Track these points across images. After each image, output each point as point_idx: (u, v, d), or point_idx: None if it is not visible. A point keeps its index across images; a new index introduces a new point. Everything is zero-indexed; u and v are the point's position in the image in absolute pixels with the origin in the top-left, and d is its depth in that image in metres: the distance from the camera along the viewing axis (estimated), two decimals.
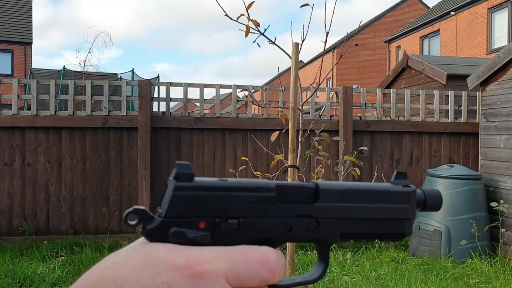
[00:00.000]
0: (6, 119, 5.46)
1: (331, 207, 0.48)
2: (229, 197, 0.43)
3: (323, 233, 0.47)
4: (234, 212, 0.43)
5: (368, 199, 0.49)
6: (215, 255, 0.40)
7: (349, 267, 4.74)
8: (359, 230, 0.49)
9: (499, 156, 5.46)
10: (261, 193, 0.45)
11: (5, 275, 4.32)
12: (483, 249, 5.10)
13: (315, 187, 0.47)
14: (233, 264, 0.40)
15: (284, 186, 0.46)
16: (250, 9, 2.64)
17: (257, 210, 0.44)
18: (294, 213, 0.46)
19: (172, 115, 5.84)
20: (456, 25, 19.32)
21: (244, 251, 0.41)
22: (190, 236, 0.41)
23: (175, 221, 0.42)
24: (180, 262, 0.38)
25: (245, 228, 0.44)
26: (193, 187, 0.42)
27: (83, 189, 5.64)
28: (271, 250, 0.42)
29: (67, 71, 14.50)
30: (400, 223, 0.50)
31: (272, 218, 0.45)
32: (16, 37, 23.37)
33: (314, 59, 34.77)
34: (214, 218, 0.43)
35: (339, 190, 0.48)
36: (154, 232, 0.41)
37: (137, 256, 0.39)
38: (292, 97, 2.78)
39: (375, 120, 6.16)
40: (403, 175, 0.51)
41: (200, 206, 0.42)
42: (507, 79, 5.37)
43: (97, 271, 0.39)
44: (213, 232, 0.42)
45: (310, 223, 0.47)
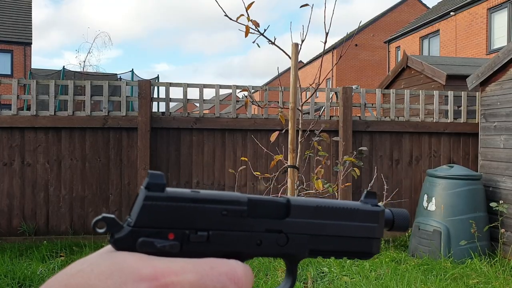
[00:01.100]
0: (5, 119, 5.46)
1: (301, 223, 0.47)
2: (200, 209, 0.43)
3: (292, 249, 0.47)
4: (205, 224, 0.43)
5: (338, 216, 0.49)
6: (182, 267, 0.39)
7: (349, 267, 4.74)
8: (328, 247, 0.49)
9: (498, 156, 5.46)
10: (233, 207, 0.44)
11: (5, 275, 4.32)
12: (483, 249, 5.10)
13: (287, 202, 0.47)
14: (201, 277, 0.39)
15: (256, 200, 0.46)
16: (250, 9, 2.64)
17: (227, 223, 0.44)
18: (264, 228, 0.46)
19: (171, 115, 5.84)
20: (456, 26, 19.33)
21: (212, 264, 0.41)
22: (159, 245, 0.41)
23: (144, 231, 0.41)
24: (147, 272, 0.38)
25: (215, 241, 0.43)
26: (164, 198, 0.42)
27: (83, 189, 5.64)
28: (239, 264, 0.42)
29: (67, 71, 14.49)
30: (368, 242, 0.50)
31: (242, 232, 0.45)
32: (16, 37, 23.36)
33: (314, 60, 34.77)
34: (184, 229, 0.42)
35: (310, 207, 0.48)
36: (122, 241, 0.41)
37: (104, 265, 0.38)
38: (292, 97, 2.78)
39: (374, 120, 6.16)
40: (372, 194, 0.52)
41: (170, 217, 0.42)
42: (507, 79, 5.37)
43: (61, 278, 0.38)
44: (182, 243, 0.42)
45: (279, 238, 0.47)
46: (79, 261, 0.40)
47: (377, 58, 29.54)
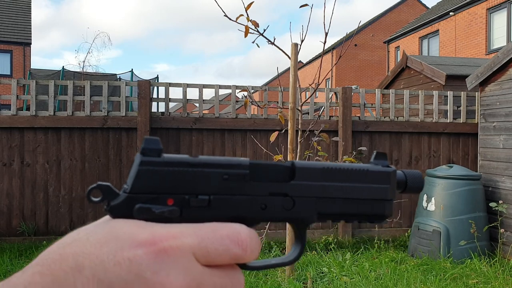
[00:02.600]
0: (5, 120, 5.46)
1: (308, 186, 0.46)
2: (200, 173, 0.41)
3: (299, 213, 0.46)
4: (205, 189, 0.42)
5: (346, 178, 0.47)
6: (181, 231, 0.38)
7: (349, 268, 4.74)
8: (337, 210, 0.47)
9: (498, 156, 5.47)
10: (234, 170, 0.43)
11: (4, 275, 4.31)
12: (482, 250, 5.10)
13: (291, 165, 0.46)
14: (201, 240, 0.38)
15: (258, 164, 0.44)
16: (250, 9, 2.64)
17: (229, 187, 0.42)
18: (268, 191, 0.44)
19: (171, 116, 5.84)
20: (455, 26, 19.33)
21: (214, 227, 0.39)
22: (157, 211, 0.39)
23: (141, 197, 0.40)
24: (143, 237, 0.37)
25: (216, 205, 0.42)
26: (161, 163, 0.40)
27: (82, 189, 5.64)
28: (243, 227, 0.40)
29: (66, 72, 14.48)
30: (380, 204, 0.48)
31: (245, 196, 0.43)
32: (15, 37, 23.36)
33: (313, 60, 34.78)
34: (183, 194, 0.41)
35: (316, 169, 0.46)
36: (119, 209, 0.40)
37: (100, 233, 0.38)
38: (291, 97, 2.78)
39: (374, 120, 6.16)
40: (383, 155, 0.50)
41: (168, 182, 0.40)
42: (506, 79, 5.37)
43: (57, 248, 0.37)
44: (182, 209, 0.41)
45: (285, 202, 0.45)
46: (76, 230, 0.39)
47: (376, 58, 29.55)
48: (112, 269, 0.35)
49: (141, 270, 0.35)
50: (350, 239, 5.82)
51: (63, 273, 0.35)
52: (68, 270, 0.35)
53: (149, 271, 0.35)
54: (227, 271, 0.39)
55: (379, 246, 5.52)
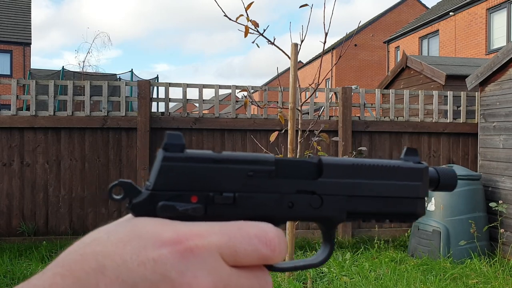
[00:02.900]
0: (5, 120, 5.45)
1: (336, 183, 0.44)
2: (224, 170, 0.40)
3: (328, 211, 0.44)
4: (230, 186, 0.40)
5: (376, 175, 0.45)
6: (208, 229, 0.36)
7: (349, 268, 4.74)
8: (367, 208, 0.45)
9: (498, 156, 5.47)
10: (260, 167, 0.41)
11: (4, 275, 4.31)
12: (482, 250, 5.10)
13: (318, 161, 0.44)
14: (229, 239, 0.36)
15: (284, 160, 0.43)
16: (250, 10, 2.64)
17: (254, 184, 0.41)
18: (295, 189, 0.43)
19: (171, 116, 5.84)
20: (455, 26, 19.34)
21: (241, 226, 0.38)
22: (181, 209, 0.38)
23: (164, 195, 0.38)
24: (168, 236, 0.35)
25: (242, 203, 0.40)
26: (184, 158, 0.39)
27: (82, 189, 5.64)
28: (270, 226, 0.39)
29: (66, 72, 14.48)
30: (412, 202, 0.47)
31: (271, 194, 0.42)
32: (15, 37, 23.36)
33: (313, 60, 34.78)
34: (207, 192, 0.39)
35: (345, 165, 0.45)
36: (141, 206, 0.38)
37: (122, 232, 0.36)
38: (291, 97, 2.78)
39: (374, 120, 6.16)
40: (413, 151, 0.48)
41: (191, 178, 0.39)
42: (506, 79, 5.37)
43: (77, 247, 0.36)
44: (206, 207, 0.39)
45: (313, 200, 0.43)
46: (96, 230, 0.38)
47: (376, 58, 29.56)
48: (136, 269, 0.34)
49: (167, 270, 0.34)
50: (350, 239, 5.82)
51: (85, 274, 0.33)
52: (90, 271, 0.34)
53: (175, 271, 0.34)
54: (254, 272, 0.38)
55: (379, 246, 5.52)
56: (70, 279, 0.33)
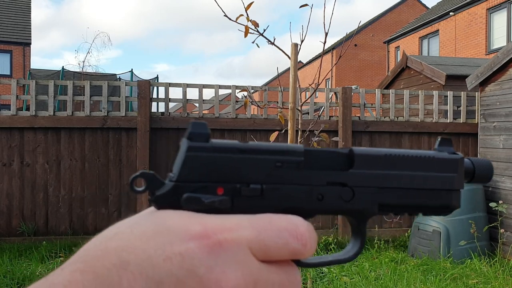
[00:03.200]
0: (4, 120, 5.45)
1: (368, 175, 0.42)
2: (251, 160, 0.38)
3: (359, 204, 0.42)
4: (257, 177, 0.38)
5: (409, 166, 0.44)
6: (237, 223, 0.35)
7: (349, 268, 4.74)
8: (400, 201, 0.44)
9: (498, 156, 5.46)
10: (288, 157, 0.40)
11: (4, 275, 4.31)
12: (482, 250, 5.10)
13: (349, 152, 0.42)
14: (259, 232, 0.35)
15: (314, 150, 0.41)
16: (250, 9, 2.63)
17: (283, 176, 0.39)
18: (325, 181, 0.41)
19: (171, 116, 5.84)
20: (455, 26, 19.34)
21: (271, 219, 0.36)
22: (207, 201, 0.36)
23: (189, 186, 0.37)
24: (196, 230, 0.33)
25: (270, 195, 0.39)
26: (209, 148, 0.38)
27: (82, 189, 5.64)
28: (300, 219, 0.37)
29: (66, 72, 14.48)
30: (446, 194, 0.45)
31: (300, 186, 0.40)
32: (15, 37, 23.36)
33: (313, 60, 34.79)
34: (233, 183, 0.38)
35: (377, 156, 0.43)
36: (165, 198, 0.36)
37: (146, 225, 0.34)
38: (291, 97, 2.78)
39: (374, 120, 6.16)
40: (448, 141, 0.46)
41: (217, 169, 0.37)
42: (506, 79, 5.37)
43: (98, 242, 0.34)
44: (233, 199, 0.37)
45: (344, 192, 0.42)
46: (118, 223, 0.36)
47: (376, 58, 29.56)
48: (161, 265, 0.32)
49: (194, 265, 0.32)
50: (350, 239, 5.81)
51: (106, 271, 0.31)
52: (111, 267, 0.32)
53: (203, 266, 0.32)
54: (284, 267, 0.36)
55: (379, 246, 5.52)
56: (91, 275, 0.31)
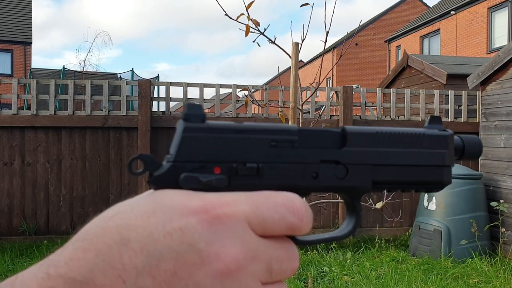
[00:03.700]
0: (5, 119, 5.46)
1: (361, 152, 0.43)
2: (246, 140, 0.39)
3: (353, 181, 0.43)
4: (252, 156, 0.39)
5: (402, 143, 0.45)
6: (234, 198, 0.36)
7: (349, 267, 4.74)
8: (393, 177, 0.44)
9: (499, 155, 5.46)
10: (282, 136, 0.41)
11: (5, 275, 4.32)
12: (483, 249, 5.10)
13: (342, 130, 0.43)
14: (256, 207, 0.35)
15: (307, 130, 0.42)
16: (251, 9, 2.63)
17: (278, 154, 0.40)
18: (319, 159, 0.42)
19: (172, 115, 5.84)
20: (456, 25, 19.31)
21: (267, 195, 0.37)
22: (204, 180, 0.37)
23: (186, 166, 0.37)
24: (195, 205, 0.34)
25: (265, 173, 0.39)
26: (205, 129, 0.38)
27: (83, 188, 5.64)
28: (295, 195, 0.38)
29: (67, 71, 14.49)
30: (438, 170, 0.46)
31: (295, 164, 0.41)
32: (16, 36, 23.37)
33: (314, 59, 34.77)
34: (230, 162, 0.38)
35: (369, 134, 0.44)
36: (163, 179, 0.37)
37: (146, 204, 0.35)
38: (292, 96, 2.78)
39: (375, 119, 6.16)
40: (437, 119, 0.47)
41: (213, 149, 0.38)
42: (507, 78, 5.36)
43: (98, 222, 0.34)
44: (229, 178, 0.38)
45: (338, 169, 0.43)
46: (118, 204, 0.36)
47: (377, 57, 29.53)
48: (162, 240, 0.32)
49: (194, 240, 0.33)
50: (351, 238, 5.81)
51: (107, 247, 0.32)
52: (112, 244, 0.32)
53: (203, 240, 0.33)
54: (281, 242, 0.37)
55: (380, 245, 5.51)
56: (92, 252, 0.32)
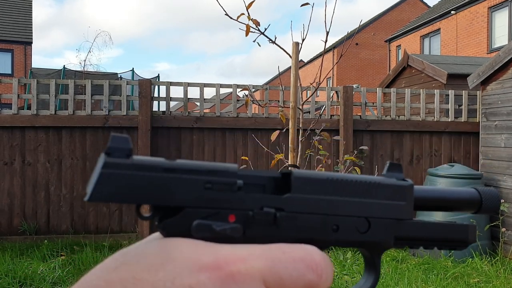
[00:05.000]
0: (6, 119, 5.46)
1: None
2: (177, 180, 0.35)
3: (375, 236, 0.40)
4: (182, 198, 0.35)
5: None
6: (249, 253, 0.33)
7: (350, 267, 4.74)
8: (416, 234, 0.42)
9: (499, 155, 5.46)
10: (219, 178, 0.38)
11: (6, 274, 4.32)
12: (484, 249, 5.09)
13: (283, 175, 0.40)
14: (273, 263, 0.33)
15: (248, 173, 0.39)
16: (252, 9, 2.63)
17: (212, 198, 0.37)
18: (260, 205, 0.37)
19: (172, 115, 5.84)
20: (457, 24, 19.31)
21: (284, 249, 0.34)
22: (218, 229, 0.34)
23: (200, 212, 0.34)
24: (207, 260, 0.31)
25: (284, 224, 0.37)
26: (129, 165, 0.34)
27: (83, 188, 5.64)
28: (315, 249, 0.35)
29: (67, 71, 14.48)
30: (463, 228, 0.44)
31: (315, 215, 0.38)
32: (16, 36, 23.37)
33: (315, 59, 34.76)
34: (246, 210, 0.36)
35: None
36: (174, 225, 0.34)
37: (153, 255, 0.32)
38: (293, 96, 2.78)
39: (375, 119, 6.15)
40: (397, 167, 0.44)
41: (137, 189, 0.35)
42: (508, 78, 5.36)
43: (101, 273, 0.32)
44: (245, 227, 0.35)
45: (359, 223, 0.40)
46: (120, 252, 0.33)
47: (377, 57, 29.53)
48: None
49: None
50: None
51: None
52: None
53: None
54: None
55: None
56: None
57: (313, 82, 3.38)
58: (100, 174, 0.34)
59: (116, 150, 0.34)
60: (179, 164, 0.35)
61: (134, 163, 0.34)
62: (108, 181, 0.33)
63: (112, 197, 0.33)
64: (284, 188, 0.38)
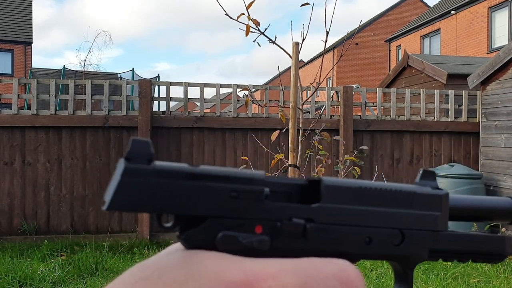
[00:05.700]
0: (6, 119, 5.46)
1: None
2: (201, 188, 0.33)
3: (408, 249, 0.38)
4: (206, 208, 0.33)
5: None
6: (280, 268, 0.30)
7: None
8: (452, 246, 0.41)
9: (499, 155, 5.46)
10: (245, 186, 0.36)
11: (6, 274, 4.32)
12: None
13: (312, 182, 0.38)
14: (305, 280, 0.30)
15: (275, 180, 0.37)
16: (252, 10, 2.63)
17: (238, 207, 0.35)
18: (288, 216, 0.35)
19: (172, 115, 5.84)
20: (457, 24, 19.31)
21: (316, 264, 0.32)
22: (244, 242, 0.32)
23: (225, 223, 0.32)
24: (235, 277, 0.29)
25: (313, 236, 0.35)
26: (150, 171, 0.33)
27: (83, 188, 5.64)
28: (348, 264, 0.33)
29: (67, 71, 14.49)
30: (500, 240, 0.43)
31: (347, 226, 0.36)
32: (16, 36, 23.38)
33: (315, 59, 34.76)
34: (274, 221, 0.34)
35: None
36: (197, 236, 0.32)
37: (176, 269, 0.29)
38: (293, 96, 2.78)
39: (375, 119, 6.16)
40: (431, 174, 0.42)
41: (158, 197, 0.33)
42: (508, 78, 5.36)
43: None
44: (272, 239, 0.33)
45: (393, 235, 0.37)
46: (139, 265, 0.31)
47: (377, 57, 29.53)
48: None
49: None
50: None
51: None
52: None
53: None
54: None
55: None
56: None
57: (313, 82, 3.38)
58: (120, 182, 0.31)
59: (136, 155, 0.31)
60: (203, 171, 0.33)
61: (155, 170, 0.31)
62: (128, 189, 0.31)
63: (132, 206, 0.31)
64: (312, 197, 0.36)
